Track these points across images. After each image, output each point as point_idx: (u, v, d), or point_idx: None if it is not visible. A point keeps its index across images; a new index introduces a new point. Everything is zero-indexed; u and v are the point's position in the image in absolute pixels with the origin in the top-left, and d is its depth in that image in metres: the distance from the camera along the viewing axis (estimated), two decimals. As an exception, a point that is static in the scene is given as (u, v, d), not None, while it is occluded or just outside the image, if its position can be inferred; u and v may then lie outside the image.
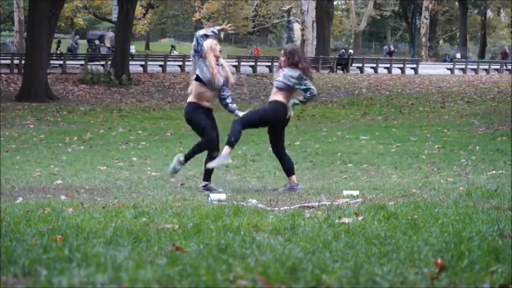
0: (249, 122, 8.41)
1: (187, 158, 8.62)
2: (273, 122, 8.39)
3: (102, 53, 43.84)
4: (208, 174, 8.52)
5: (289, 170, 8.48)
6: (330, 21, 46.18)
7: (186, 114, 8.55)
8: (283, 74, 8.36)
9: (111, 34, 50.23)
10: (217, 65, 8.40)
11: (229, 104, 8.59)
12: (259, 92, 31.95)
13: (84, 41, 53.63)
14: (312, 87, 8.38)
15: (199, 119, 8.42)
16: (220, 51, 8.47)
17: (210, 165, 8.32)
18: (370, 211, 5.43)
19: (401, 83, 37.44)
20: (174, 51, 50.50)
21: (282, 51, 8.55)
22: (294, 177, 8.47)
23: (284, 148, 8.64)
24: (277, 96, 8.38)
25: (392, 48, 63.05)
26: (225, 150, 8.24)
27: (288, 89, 8.35)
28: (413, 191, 7.38)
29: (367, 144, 15.93)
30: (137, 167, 12.50)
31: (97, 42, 51.24)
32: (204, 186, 8.50)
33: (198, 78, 8.38)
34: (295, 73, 8.31)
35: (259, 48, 60.86)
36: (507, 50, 60.33)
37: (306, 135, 18.12)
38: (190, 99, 8.53)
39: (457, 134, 17.38)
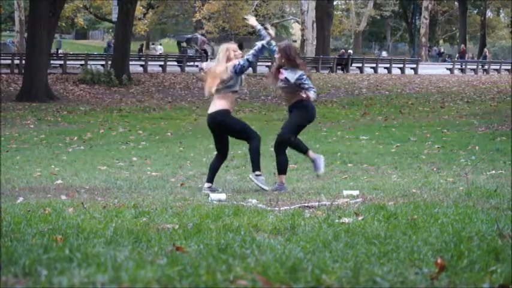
0: (292, 132, 8.45)
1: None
2: (309, 120, 8.53)
3: (189, 54, 45.66)
4: (212, 175, 8.48)
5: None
6: (330, 21, 46.13)
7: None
8: (285, 78, 8.33)
9: (202, 38, 51.04)
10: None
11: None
12: (259, 92, 31.95)
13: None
14: (312, 87, 8.37)
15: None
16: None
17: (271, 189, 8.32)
18: (370, 211, 5.44)
19: (401, 83, 37.41)
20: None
21: (277, 48, 8.48)
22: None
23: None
24: (299, 97, 8.34)
25: (442, 50, 60.78)
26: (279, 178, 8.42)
27: (293, 88, 8.35)
28: (413, 191, 7.37)
29: (367, 144, 15.92)
30: (137, 167, 12.49)
31: (184, 44, 52.07)
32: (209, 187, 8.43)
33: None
34: (296, 74, 8.29)
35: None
36: (465, 48, 59.90)
37: (306, 135, 18.06)
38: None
39: (456, 134, 17.37)
